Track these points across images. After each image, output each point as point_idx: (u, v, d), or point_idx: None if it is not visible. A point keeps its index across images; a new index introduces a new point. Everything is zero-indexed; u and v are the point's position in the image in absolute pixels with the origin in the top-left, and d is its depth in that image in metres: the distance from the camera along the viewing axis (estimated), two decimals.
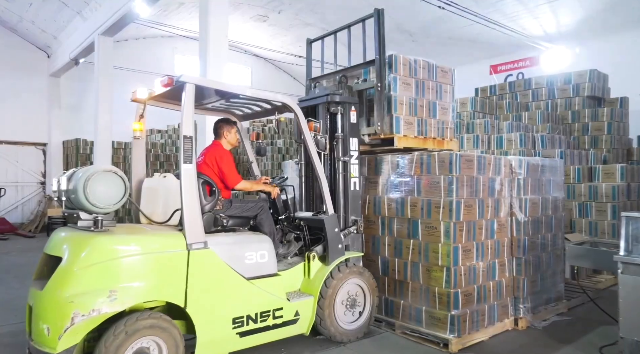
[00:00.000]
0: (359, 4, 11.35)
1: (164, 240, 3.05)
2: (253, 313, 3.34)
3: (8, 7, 11.57)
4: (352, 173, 4.09)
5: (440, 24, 11.97)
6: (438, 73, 4.66)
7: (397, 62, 4.34)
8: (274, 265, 3.56)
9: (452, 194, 3.79)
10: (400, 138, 4.29)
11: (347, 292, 3.88)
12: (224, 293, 3.23)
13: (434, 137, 4.56)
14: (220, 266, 3.21)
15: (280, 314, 3.47)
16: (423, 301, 3.95)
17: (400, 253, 4.17)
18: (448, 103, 4.73)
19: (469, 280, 3.87)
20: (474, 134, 7.20)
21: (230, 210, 3.70)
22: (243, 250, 3.40)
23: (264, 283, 3.44)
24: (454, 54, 13.66)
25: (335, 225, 3.85)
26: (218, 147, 3.88)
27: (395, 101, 4.28)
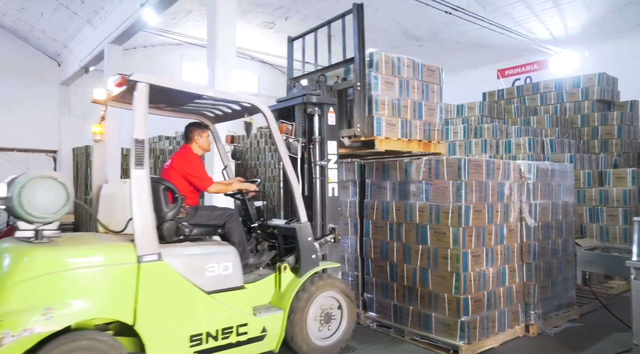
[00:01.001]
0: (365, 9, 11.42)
1: (110, 252, 2.78)
2: (213, 330, 3.07)
3: (20, 17, 11.77)
4: (330, 179, 3.86)
5: (447, 29, 11.97)
6: (424, 72, 4.42)
7: (379, 60, 4.09)
8: (239, 277, 3.30)
9: (460, 199, 3.77)
10: (382, 140, 4.05)
11: (322, 306, 3.61)
12: (180, 309, 2.98)
13: (419, 140, 4.31)
14: (176, 280, 2.96)
15: (245, 331, 3.21)
16: (432, 307, 3.92)
17: (409, 258, 4.15)
18: (435, 104, 4.48)
19: (479, 286, 3.83)
20: (482, 139, 7.16)
21: (195, 218, 3.49)
22: (203, 262, 3.14)
23: (227, 297, 3.18)
24: (460, 58, 13.65)
25: (309, 234, 3.62)
26: (187, 151, 3.70)
27: (377, 101, 4.04)
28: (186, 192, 3.53)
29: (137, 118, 2.91)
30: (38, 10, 11.26)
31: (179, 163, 3.58)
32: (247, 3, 11.48)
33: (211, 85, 6.48)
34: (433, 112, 4.45)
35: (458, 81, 14.46)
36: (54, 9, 10.95)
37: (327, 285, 3.62)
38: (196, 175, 3.56)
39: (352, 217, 4.72)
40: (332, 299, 3.69)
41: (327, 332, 3.66)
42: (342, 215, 4.79)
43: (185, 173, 3.55)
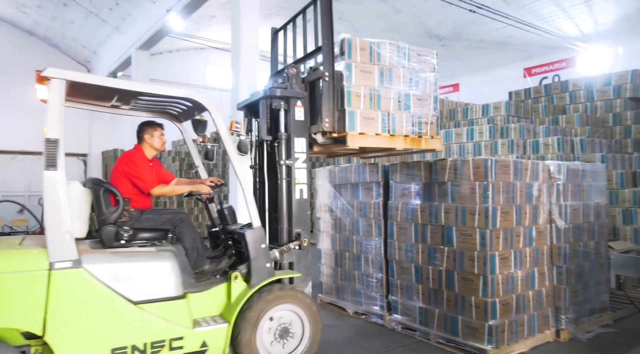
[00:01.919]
0: (387, 9, 11.37)
1: (19, 258, 2.64)
2: (140, 343, 2.83)
3: (52, 26, 12.22)
4: (297, 179, 3.55)
5: (471, 28, 11.80)
6: (412, 58, 3.91)
7: (352, 46, 3.66)
8: (177, 286, 3.05)
9: (487, 200, 3.70)
10: (354, 136, 3.61)
11: (277, 320, 3.24)
12: (100, 320, 2.77)
13: (406, 135, 3.85)
14: (96, 288, 2.76)
15: (180, 345, 2.94)
16: (459, 311, 3.86)
17: (434, 260, 4.09)
18: (428, 94, 3.97)
19: (507, 289, 3.75)
20: (509, 139, 7.02)
21: (139, 222, 3.30)
22: (131, 269, 2.92)
23: (159, 308, 2.94)
24: (485, 57, 13.44)
25: (261, 240, 3.28)
26: (134, 151, 3.53)
27: (349, 93, 3.62)
28: (131, 194, 3.37)
29: (51, 115, 2.70)
30: (69, 18, 11.67)
31: (123, 164, 3.42)
32: (269, 6, 11.59)
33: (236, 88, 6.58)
34: (424, 103, 3.95)
35: (483, 80, 14.24)
36: (84, 17, 11.32)
37: (284, 296, 3.22)
38: (138, 176, 3.37)
39: (376, 218, 4.69)
40: (291, 314, 3.29)
41: (281, 350, 3.26)
42: (366, 216, 4.78)
43: (128, 174, 3.38)
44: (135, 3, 9.90)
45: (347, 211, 5.03)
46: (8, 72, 12.43)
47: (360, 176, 4.90)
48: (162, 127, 3.70)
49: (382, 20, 11.96)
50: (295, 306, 3.29)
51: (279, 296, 3.22)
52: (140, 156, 3.50)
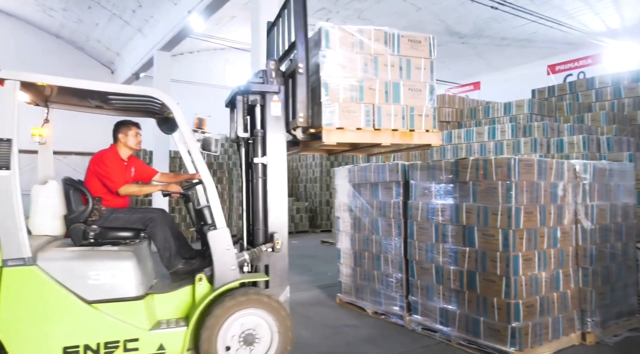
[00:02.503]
0: (406, 7, 11.28)
1: None
2: (93, 343, 2.83)
3: (77, 29, 12.53)
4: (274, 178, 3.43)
5: (493, 25, 11.61)
6: (403, 45, 3.54)
7: (330, 35, 3.38)
8: (135, 286, 2.99)
9: (510, 200, 3.64)
10: (331, 130, 3.32)
11: (241, 325, 3.08)
12: (52, 318, 2.80)
13: (394, 129, 3.48)
14: (47, 286, 2.78)
15: (135, 347, 2.91)
16: (481, 312, 3.80)
17: (455, 261, 4.04)
18: (422, 84, 3.59)
19: (531, 291, 3.68)
20: (532, 138, 6.87)
21: (109, 221, 3.32)
22: (87, 268, 2.91)
23: (115, 308, 2.91)
24: (507, 54, 13.21)
25: (225, 242, 3.17)
26: (107, 150, 3.55)
27: (327, 85, 3.35)
28: (102, 193, 3.39)
29: (4, 116, 2.75)
30: (94, 21, 11.96)
31: (94, 163, 3.44)
32: None
33: None
34: (418, 93, 3.57)
35: (504, 78, 13.99)
36: (108, 19, 11.58)
37: (250, 301, 3.07)
38: (107, 175, 3.38)
39: (396, 218, 4.66)
40: (257, 319, 3.11)
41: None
42: (385, 216, 4.75)
43: (98, 173, 3.40)
44: (157, 5, 10.07)
45: (367, 210, 5.02)
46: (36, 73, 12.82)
47: (379, 175, 4.87)
48: (137, 126, 3.67)
49: (401, 18, 11.87)
50: (261, 311, 3.11)
51: (241, 302, 3.05)
52: (111, 155, 3.52)
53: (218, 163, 11.90)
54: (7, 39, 12.92)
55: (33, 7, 12.18)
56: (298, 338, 4.23)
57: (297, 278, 6.79)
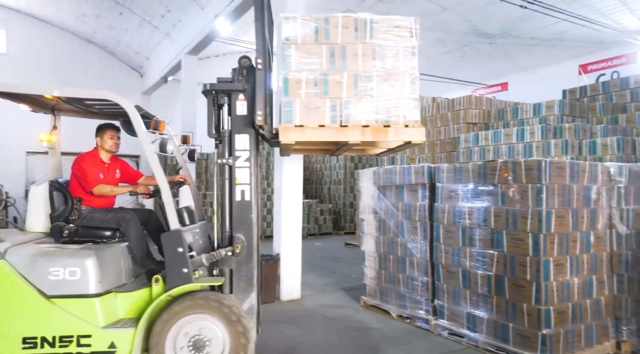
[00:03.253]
0: (432, 8, 11.16)
1: None
2: (50, 336, 2.96)
3: (109, 34, 12.93)
4: (238, 179, 3.31)
5: (522, 24, 11.35)
6: (377, 31, 3.15)
7: (291, 25, 3.15)
8: (92, 284, 3.04)
9: (541, 204, 3.54)
10: (289, 129, 3.06)
11: (189, 331, 3.02)
12: (13, 308, 2.97)
13: (365, 125, 3.11)
14: (10, 279, 2.96)
15: (88, 343, 2.98)
16: (510, 318, 3.72)
17: (483, 265, 3.97)
18: (402, 72, 3.16)
19: (562, 297, 3.57)
20: (562, 139, 6.68)
21: (86, 220, 3.44)
22: (48, 264, 3.02)
23: (72, 304, 3.00)
24: (536, 55, 12.89)
25: (178, 243, 3.11)
26: (87, 153, 3.68)
27: (286, 80, 3.11)
28: (83, 194, 3.53)
29: None
30: (124, 26, 12.30)
31: (74, 165, 3.58)
32: (313, 9, 11.70)
33: None
34: (395, 83, 3.14)
35: (533, 79, 13.65)
36: (138, 24, 11.90)
37: (199, 306, 3.02)
38: (82, 176, 3.50)
39: (422, 221, 4.61)
40: (209, 325, 3.03)
41: None
42: (411, 218, 4.70)
43: (76, 174, 3.54)
44: (185, 9, 10.29)
45: (392, 213, 4.98)
46: (69, 78, 13.26)
47: (405, 178, 4.83)
48: (114, 128, 3.75)
49: (427, 19, 11.75)
50: (210, 316, 3.03)
51: (188, 306, 3.02)
52: (88, 157, 3.63)
53: None
54: (43, 44, 13.44)
55: (68, 14, 12.63)
56: (323, 340, 4.24)
57: (320, 280, 6.80)
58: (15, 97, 3.46)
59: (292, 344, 4.15)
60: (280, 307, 5.35)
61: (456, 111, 8.58)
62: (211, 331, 3.02)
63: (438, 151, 8.80)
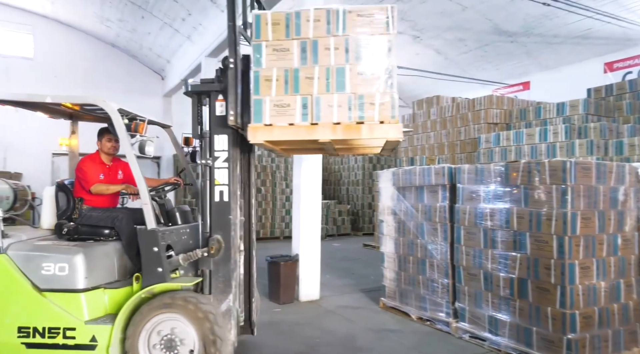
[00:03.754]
0: (452, 7, 11.03)
1: None
2: (40, 327, 3.15)
3: (131, 38, 13.19)
4: (217, 180, 3.33)
5: (545, 22, 11.11)
6: (350, 22, 2.99)
7: (262, 22, 3.07)
8: (79, 280, 3.18)
9: (566, 205, 3.46)
10: (258, 129, 3.01)
11: (160, 330, 3.07)
12: (10, 299, 3.20)
13: (337, 122, 2.96)
14: (8, 273, 3.19)
15: (73, 335, 3.13)
16: (533, 322, 3.64)
17: (505, 267, 3.90)
18: (377, 66, 2.96)
19: (588, 301, 3.48)
20: (587, 139, 6.52)
21: (85, 218, 3.60)
22: (41, 260, 3.22)
23: (60, 298, 3.17)
24: (560, 53, 12.61)
25: (153, 243, 3.17)
26: (88, 156, 3.86)
27: (257, 78, 3.05)
28: (84, 194, 3.70)
29: None
30: (146, 30, 12.54)
31: (76, 167, 3.78)
32: None
33: None
34: (370, 78, 2.96)
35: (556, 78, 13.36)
36: (160, 28, 12.10)
37: (168, 306, 3.06)
38: (82, 176, 3.68)
39: (442, 222, 4.56)
40: (180, 325, 3.06)
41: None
42: (431, 220, 4.66)
43: (77, 176, 3.73)
44: (205, 12, 10.42)
45: (411, 214, 4.94)
46: (92, 81, 13.59)
47: (425, 178, 4.79)
48: (111, 132, 3.76)
49: (446, 19, 11.62)
50: (179, 316, 3.05)
51: (156, 306, 3.08)
52: (89, 160, 3.81)
53: (261, 166, 12.11)
54: (69, 49, 13.80)
55: (92, 19, 12.94)
56: (342, 341, 4.24)
57: (339, 281, 6.79)
58: (28, 106, 3.67)
59: (312, 344, 4.15)
60: (299, 308, 5.37)
61: (477, 111, 8.46)
62: (181, 329, 3.05)
63: (458, 151, 8.70)
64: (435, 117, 9.37)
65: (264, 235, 11.81)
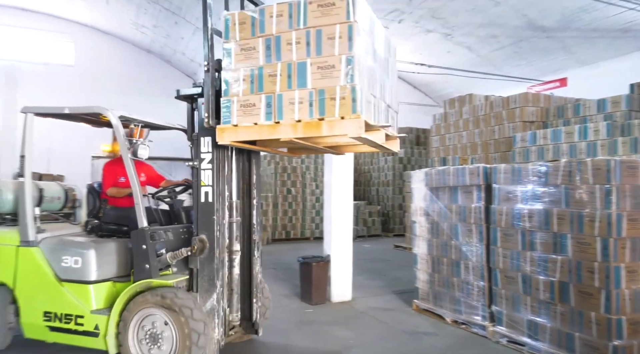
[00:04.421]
0: (484, 3, 10.79)
1: (4, 236, 3.77)
2: (60, 313, 3.50)
3: (166, 43, 13.58)
4: (203, 181, 3.43)
5: (583, 16, 10.71)
6: (311, 14, 2.85)
7: (230, 24, 3.07)
8: (90, 272, 3.47)
9: (610, 206, 3.32)
10: (225, 130, 3.05)
11: (146, 324, 3.24)
12: (39, 287, 3.58)
13: (298, 120, 2.87)
14: (39, 263, 3.58)
15: (81, 322, 3.45)
16: (575, 327, 3.51)
17: (544, 270, 3.77)
18: (337, 57, 2.79)
19: (636, 307, 3.32)
20: (631, 137, 6.23)
21: (106, 217, 3.95)
22: (62, 253, 3.56)
23: (74, 288, 3.50)
24: (599, 47, 12.13)
25: (142, 241, 3.35)
26: (112, 160, 4.18)
27: (226, 79, 3.07)
28: (107, 195, 4.02)
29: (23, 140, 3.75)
30: (179, 35, 12.88)
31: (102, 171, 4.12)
32: None
33: None
34: (330, 71, 2.81)
35: (595, 73, 12.84)
36: (192, 32, 12.41)
37: (152, 302, 3.21)
38: (103, 180, 4.03)
39: (477, 223, 4.46)
40: (159, 319, 3.21)
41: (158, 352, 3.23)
42: (465, 221, 4.57)
43: (102, 178, 4.07)
44: None
45: (445, 215, 4.86)
46: (129, 85, 14.07)
47: (459, 179, 4.70)
48: None
49: (478, 15, 11.37)
50: (161, 312, 3.19)
51: (140, 302, 3.26)
52: (111, 163, 4.10)
53: (291, 167, 12.19)
54: (107, 56, 14.35)
55: (129, 26, 13.42)
56: (376, 344, 4.21)
57: (370, 282, 6.75)
58: (68, 118, 4.02)
59: (346, 346, 4.14)
60: (331, 308, 5.37)
61: (511, 109, 8.24)
62: (160, 324, 3.21)
63: (492, 151, 8.49)
64: (467, 115, 9.18)
65: (294, 235, 11.88)
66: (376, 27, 3.20)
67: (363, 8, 2.89)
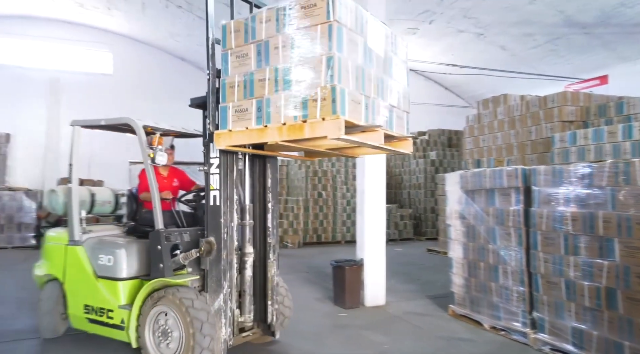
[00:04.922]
0: (518, 1, 10.52)
1: (58, 236, 4.26)
2: (96, 306, 3.81)
3: (198, 51, 13.89)
4: (212, 185, 3.58)
5: (623, 10, 10.27)
6: (295, 17, 2.87)
7: (227, 32, 3.18)
8: (122, 270, 3.74)
9: None
10: (221, 135, 3.19)
11: (157, 320, 3.46)
12: (80, 283, 3.95)
13: (283, 123, 2.89)
14: (81, 260, 3.94)
15: (112, 316, 3.73)
16: (624, 335, 3.35)
17: (590, 276, 3.62)
18: (318, 58, 2.76)
19: None
20: None
21: (140, 219, 4.21)
22: (98, 252, 3.89)
23: (107, 284, 3.79)
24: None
25: (157, 242, 3.58)
26: None
27: (224, 85, 3.18)
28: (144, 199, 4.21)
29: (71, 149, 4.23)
30: None
31: None
32: (390, 12, 11.59)
33: None
34: (312, 72, 2.78)
35: (639, 70, 12.28)
36: None
37: (162, 299, 3.41)
38: (138, 185, 4.29)
39: (516, 227, 4.33)
40: (172, 318, 3.37)
41: (167, 349, 3.41)
42: (503, 224, 4.44)
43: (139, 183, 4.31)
44: None
45: (481, 218, 4.74)
46: (164, 93, 14.47)
47: (496, 181, 4.58)
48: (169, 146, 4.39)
49: (512, 13, 11.09)
50: (170, 310, 3.38)
51: (157, 298, 3.46)
52: (143, 170, 4.13)
53: (322, 171, 12.21)
54: (143, 64, 14.83)
55: (164, 35, 13.85)
56: (412, 350, 4.14)
57: (404, 286, 6.66)
58: (105, 128, 4.35)
59: (381, 351, 4.10)
60: (364, 313, 5.33)
61: (549, 109, 7.97)
62: (171, 321, 3.38)
63: (529, 152, 8.23)
64: (502, 116, 8.94)
65: (325, 239, 11.88)
66: (370, 25, 3.10)
67: (347, 7, 2.84)
